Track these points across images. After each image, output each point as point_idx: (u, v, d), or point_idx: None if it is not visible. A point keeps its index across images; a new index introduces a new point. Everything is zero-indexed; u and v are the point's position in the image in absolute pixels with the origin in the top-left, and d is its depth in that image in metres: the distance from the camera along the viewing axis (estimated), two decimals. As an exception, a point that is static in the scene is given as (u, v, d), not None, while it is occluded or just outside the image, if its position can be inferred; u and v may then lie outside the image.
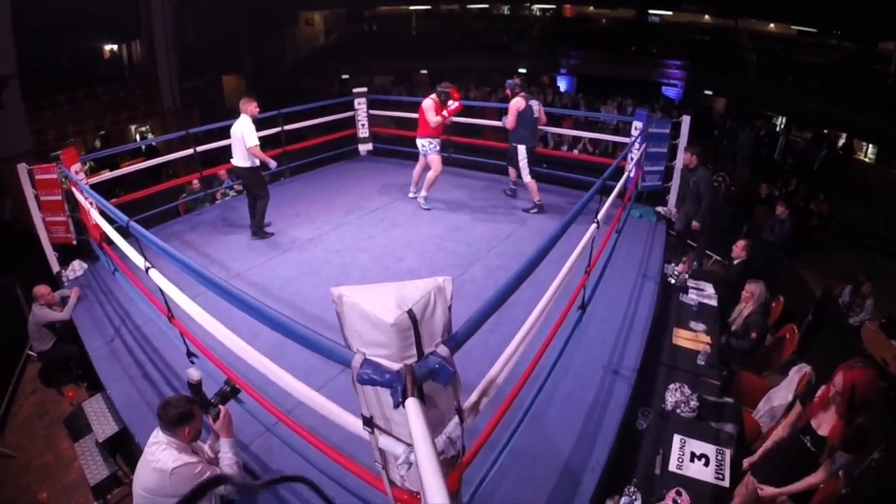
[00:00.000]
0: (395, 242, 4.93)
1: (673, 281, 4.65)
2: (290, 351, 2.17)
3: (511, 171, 5.78)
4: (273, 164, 4.91)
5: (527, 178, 5.41)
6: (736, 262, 5.08)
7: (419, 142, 5.51)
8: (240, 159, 4.79)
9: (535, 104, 5.30)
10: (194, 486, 1.90)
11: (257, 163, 4.80)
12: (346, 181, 6.70)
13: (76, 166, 4.52)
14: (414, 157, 6.12)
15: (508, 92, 5.43)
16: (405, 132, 7.39)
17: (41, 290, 4.18)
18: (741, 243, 5.08)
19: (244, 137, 4.64)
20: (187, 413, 1.94)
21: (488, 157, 7.06)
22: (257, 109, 4.80)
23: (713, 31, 15.08)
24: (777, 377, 4.15)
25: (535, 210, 5.55)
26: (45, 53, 10.83)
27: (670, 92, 14.20)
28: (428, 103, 5.32)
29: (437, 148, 5.51)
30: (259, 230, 5.06)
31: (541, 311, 2.22)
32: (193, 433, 1.98)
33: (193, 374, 2.12)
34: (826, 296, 5.07)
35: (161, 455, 1.89)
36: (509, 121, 5.28)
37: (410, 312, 1.18)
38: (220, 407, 2.15)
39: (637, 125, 5.32)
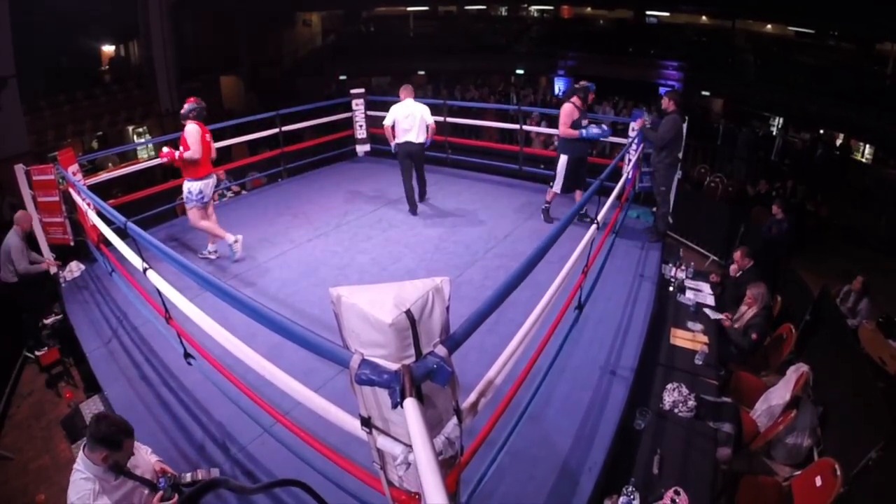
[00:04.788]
0: (393, 243, 4.93)
1: (671, 288, 4.64)
2: (288, 352, 2.17)
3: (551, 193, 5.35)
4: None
5: (558, 188, 5.18)
6: (744, 270, 4.98)
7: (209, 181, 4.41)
8: (420, 136, 5.25)
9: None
10: (193, 489, 1.89)
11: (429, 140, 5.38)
12: (344, 182, 6.70)
13: (73, 167, 4.51)
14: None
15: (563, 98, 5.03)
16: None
17: (25, 215, 4.40)
18: (740, 252, 5.00)
19: (425, 116, 5.20)
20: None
21: (486, 158, 7.07)
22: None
23: (711, 31, 15.11)
24: (775, 377, 4.17)
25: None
26: (44, 54, 10.82)
27: (668, 93, 14.23)
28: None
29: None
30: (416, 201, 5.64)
31: (540, 312, 2.22)
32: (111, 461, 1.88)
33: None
34: (823, 295, 5.07)
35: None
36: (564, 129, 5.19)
37: (408, 313, 1.18)
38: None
39: (634, 126, 5.32)
